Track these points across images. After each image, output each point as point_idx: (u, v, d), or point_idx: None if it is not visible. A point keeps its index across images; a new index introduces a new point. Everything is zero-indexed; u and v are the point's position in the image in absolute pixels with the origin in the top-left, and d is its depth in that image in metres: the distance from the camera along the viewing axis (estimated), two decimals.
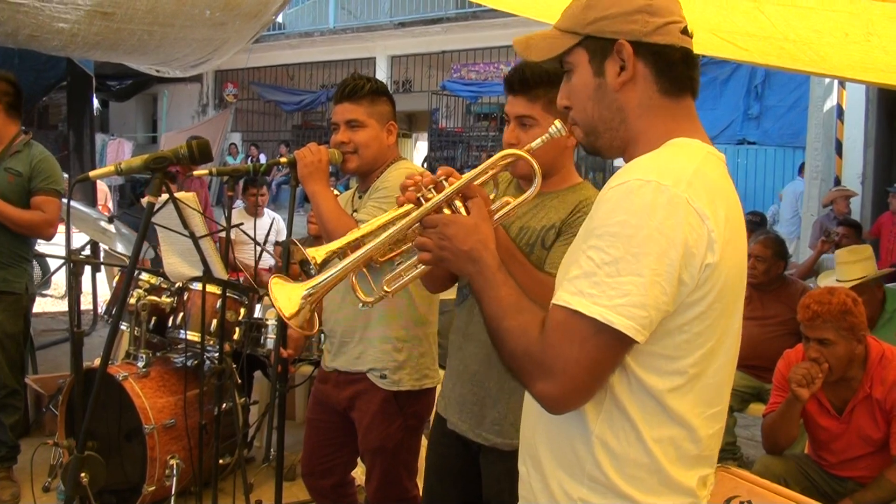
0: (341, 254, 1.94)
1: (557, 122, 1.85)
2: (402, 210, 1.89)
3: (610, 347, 1.50)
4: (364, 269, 1.92)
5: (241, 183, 7.17)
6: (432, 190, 1.85)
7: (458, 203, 1.83)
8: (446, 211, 1.83)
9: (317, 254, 1.91)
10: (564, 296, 1.52)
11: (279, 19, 19.44)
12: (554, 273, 2.29)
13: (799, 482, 3.75)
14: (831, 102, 11.43)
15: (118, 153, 22.44)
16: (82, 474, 2.67)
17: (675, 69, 1.68)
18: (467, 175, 1.87)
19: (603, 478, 1.60)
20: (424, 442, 3.15)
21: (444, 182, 1.86)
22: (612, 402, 1.58)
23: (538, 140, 1.90)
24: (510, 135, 2.46)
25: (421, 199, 1.85)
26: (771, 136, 15.19)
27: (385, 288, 1.92)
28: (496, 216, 1.95)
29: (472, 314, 2.55)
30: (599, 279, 1.48)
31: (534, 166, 1.88)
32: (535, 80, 2.41)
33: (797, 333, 3.72)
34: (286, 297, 1.83)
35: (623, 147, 1.73)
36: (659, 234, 1.46)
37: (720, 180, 1.60)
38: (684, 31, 1.68)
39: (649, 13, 1.65)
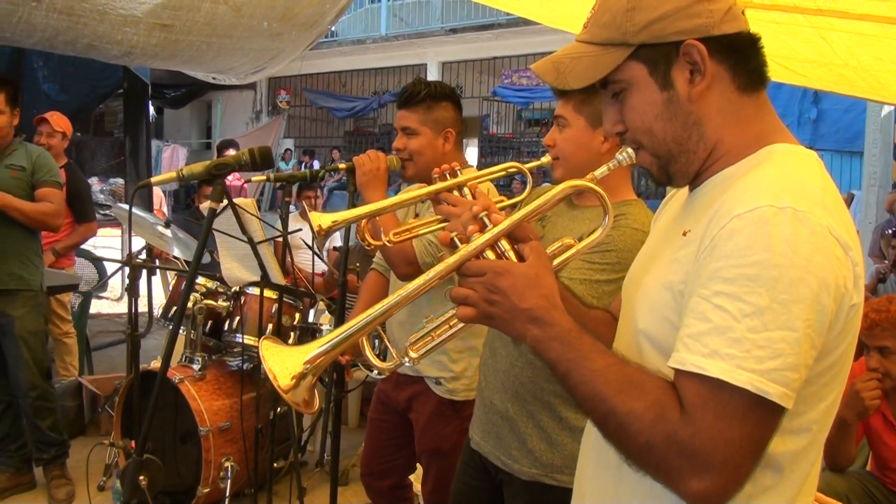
0: (348, 224, 1.75)
1: (629, 149, 1.50)
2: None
3: (770, 422, 1.21)
4: (380, 329, 1.55)
5: (295, 188, 7.23)
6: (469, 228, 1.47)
7: (505, 245, 1.44)
8: (490, 255, 1.44)
9: (322, 220, 1.72)
10: (696, 359, 1.22)
11: (332, 27, 19.61)
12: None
13: (862, 500, 3.66)
14: (889, 107, 11.20)
15: (173, 159, 22.82)
16: (141, 477, 2.71)
17: (751, 60, 1.41)
18: (520, 213, 1.49)
19: None
20: None
21: (485, 219, 1.47)
22: None
23: (603, 168, 1.54)
24: (548, 137, 2.44)
25: (455, 240, 1.47)
26: (827, 141, 14.84)
27: (411, 353, 1.52)
28: (555, 262, 1.55)
29: None
30: (740, 335, 1.19)
31: (604, 198, 1.55)
32: None
33: (859, 345, 3.64)
34: (282, 363, 1.43)
35: (698, 169, 1.45)
36: (808, 275, 1.19)
37: (839, 194, 1.33)
38: (742, 11, 1.42)
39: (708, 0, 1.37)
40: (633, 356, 1.41)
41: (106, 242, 12.36)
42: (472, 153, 21.54)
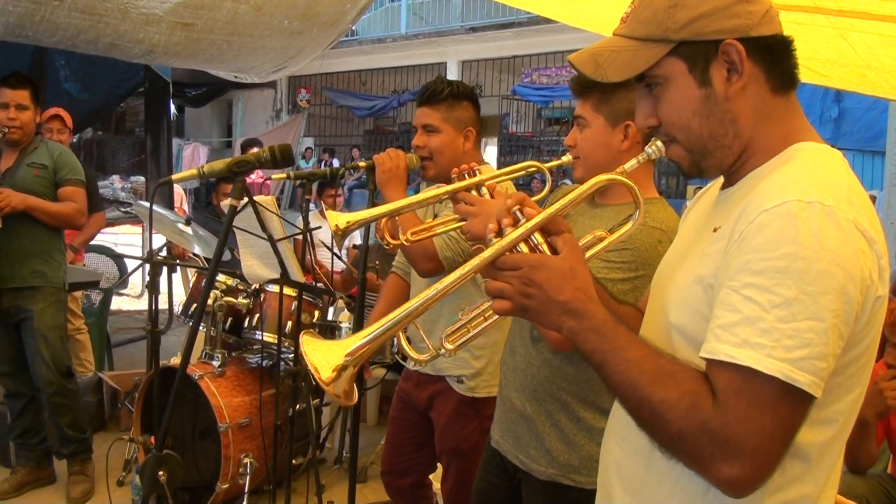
0: (365, 224, 1.76)
1: (658, 143, 1.54)
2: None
3: (799, 410, 1.25)
4: (416, 323, 1.59)
5: (315, 186, 7.25)
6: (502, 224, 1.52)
7: (538, 238, 1.48)
8: (524, 248, 1.47)
9: (339, 220, 1.73)
10: (727, 349, 1.26)
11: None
12: None
13: (881, 503, 3.64)
14: None
15: (194, 157, 22.97)
16: (160, 472, 2.72)
17: (784, 62, 1.46)
18: (555, 206, 1.52)
19: None
20: None
21: (517, 213, 1.51)
22: None
23: (632, 161, 1.58)
24: (569, 137, 2.41)
25: (490, 236, 1.50)
26: (849, 140, 14.62)
27: (447, 345, 1.55)
28: (588, 254, 1.59)
29: (521, 325, 2.43)
30: (770, 325, 1.22)
31: (635, 192, 1.59)
32: (587, 80, 2.29)
33: (882, 341, 3.61)
34: (323, 357, 1.46)
35: (732, 164, 1.49)
36: (836, 268, 1.23)
37: (864, 191, 1.38)
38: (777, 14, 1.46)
39: (748, 1, 1.42)
40: (663, 349, 1.44)
41: (127, 240, 12.46)
42: (491, 152, 21.55)
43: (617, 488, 1.58)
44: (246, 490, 4.21)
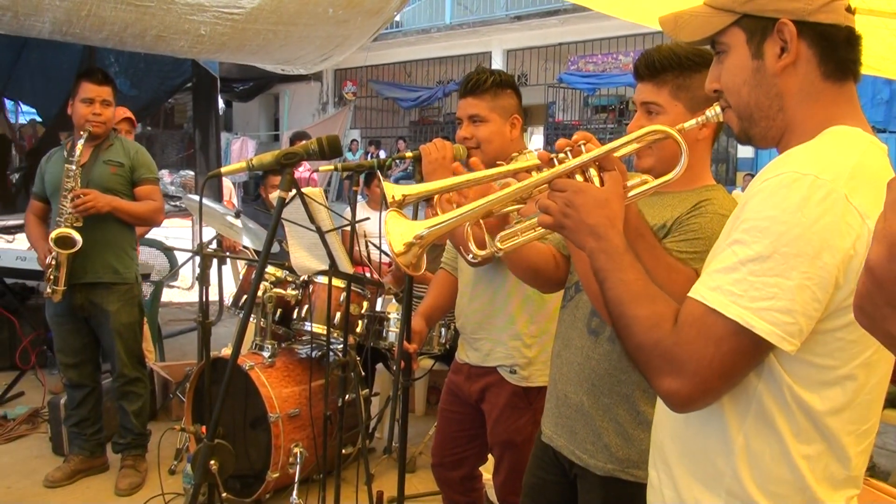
0: (422, 198, 1.87)
1: (716, 106, 1.66)
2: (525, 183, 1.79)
3: (747, 352, 1.40)
4: (482, 224, 1.84)
5: (362, 178, 7.26)
6: (568, 153, 1.71)
7: (592, 172, 1.68)
8: (579, 178, 1.68)
9: (395, 192, 1.77)
10: (702, 290, 1.43)
11: (396, 17, 19.68)
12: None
13: None
14: None
15: (242, 151, 23.20)
16: (212, 461, 2.75)
17: (840, 51, 1.54)
18: (609, 144, 1.71)
19: (742, 493, 1.50)
20: None
21: (581, 147, 1.71)
22: (759, 414, 1.47)
23: (692, 121, 1.70)
24: (634, 124, 2.24)
25: (554, 159, 1.73)
26: None
27: (498, 244, 1.84)
28: (631, 193, 1.75)
29: (575, 318, 2.39)
30: (742, 276, 1.38)
31: (682, 147, 1.68)
32: (663, 64, 2.20)
33: None
34: (399, 233, 1.69)
35: (778, 137, 1.59)
36: (812, 234, 1.34)
37: (884, 174, 1.44)
38: (848, 9, 1.54)
39: None
40: None
41: (177, 233, 12.60)
42: (537, 141, 21.45)
43: (666, 437, 1.71)
44: (296, 479, 4.25)
